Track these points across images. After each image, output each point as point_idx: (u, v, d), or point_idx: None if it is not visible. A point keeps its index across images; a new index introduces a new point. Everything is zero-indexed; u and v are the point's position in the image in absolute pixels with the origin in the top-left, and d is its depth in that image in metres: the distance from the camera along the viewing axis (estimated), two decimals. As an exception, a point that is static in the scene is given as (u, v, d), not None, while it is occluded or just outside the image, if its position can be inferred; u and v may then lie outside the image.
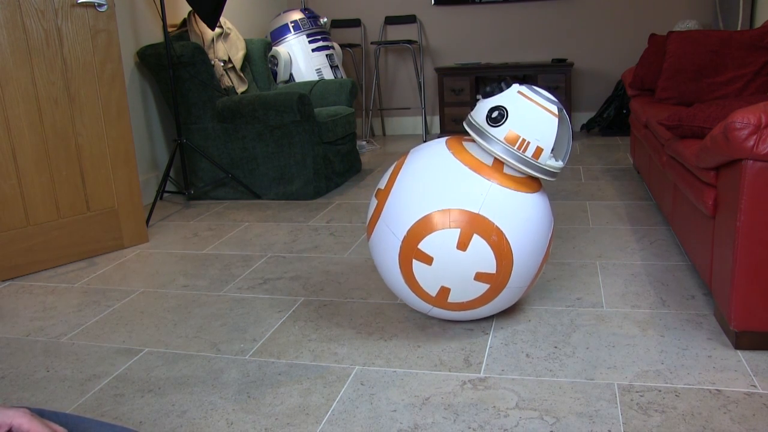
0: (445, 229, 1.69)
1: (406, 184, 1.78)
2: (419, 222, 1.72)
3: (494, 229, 1.69)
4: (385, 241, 1.80)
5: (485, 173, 1.73)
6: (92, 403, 1.63)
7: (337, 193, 3.67)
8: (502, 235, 1.69)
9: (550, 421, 1.44)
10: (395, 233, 1.76)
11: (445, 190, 1.72)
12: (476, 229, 1.68)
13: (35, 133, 2.56)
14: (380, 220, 1.82)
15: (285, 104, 3.41)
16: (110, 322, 2.11)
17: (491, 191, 1.71)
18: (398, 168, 1.86)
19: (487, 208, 1.69)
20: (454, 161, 1.76)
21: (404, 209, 1.75)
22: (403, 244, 1.74)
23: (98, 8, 2.66)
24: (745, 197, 1.59)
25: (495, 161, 1.76)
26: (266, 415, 1.53)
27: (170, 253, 2.77)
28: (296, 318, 2.06)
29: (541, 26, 5.18)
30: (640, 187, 3.42)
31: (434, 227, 1.70)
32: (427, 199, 1.72)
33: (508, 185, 1.73)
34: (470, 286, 1.73)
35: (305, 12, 4.70)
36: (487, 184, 1.71)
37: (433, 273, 1.73)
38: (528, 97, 1.73)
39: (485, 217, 1.69)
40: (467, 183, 1.72)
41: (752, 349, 1.70)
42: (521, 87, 1.76)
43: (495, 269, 1.71)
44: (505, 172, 1.76)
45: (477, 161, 1.76)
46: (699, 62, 2.93)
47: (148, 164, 3.75)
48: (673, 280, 2.18)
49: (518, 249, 1.72)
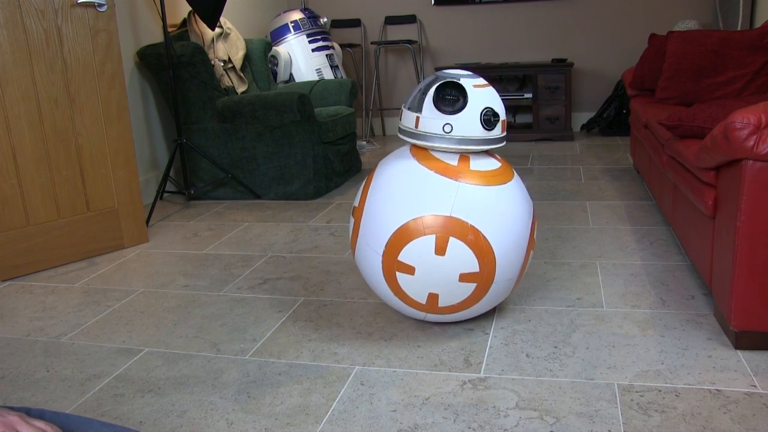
0: (420, 237, 1.69)
1: (377, 198, 1.79)
2: (395, 234, 1.72)
3: (469, 229, 1.69)
4: (367, 257, 1.81)
5: (452, 174, 1.73)
6: (92, 403, 1.63)
7: (337, 193, 3.67)
8: (478, 233, 1.69)
9: (550, 421, 1.44)
10: (375, 249, 1.77)
11: (414, 199, 1.72)
12: (451, 232, 1.68)
13: (35, 133, 2.56)
14: (359, 238, 1.83)
15: (285, 104, 3.41)
16: (110, 322, 2.11)
17: (460, 191, 1.71)
18: (368, 183, 1.86)
19: (459, 208, 1.69)
20: (420, 168, 1.75)
21: (379, 224, 1.76)
22: (384, 259, 1.75)
23: (98, 8, 2.66)
24: (745, 197, 1.59)
25: (461, 159, 1.76)
26: (266, 415, 1.53)
27: (170, 253, 2.77)
28: (296, 318, 2.06)
29: (541, 26, 5.18)
30: (640, 187, 3.42)
31: (410, 237, 1.70)
32: (399, 210, 1.72)
33: (477, 181, 1.73)
34: (457, 289, 1.73)
35: (305, 12, 4.70)
36: (455, 185, 1.71)
37: (418, 282, 1.73)
38: (481, 85, 1.76)
39: (458, 218, 1.69)
40: (435, 187, 1.72)
41: (752, 349, 1.70)
42: (465, 81, 1.75)
43: (478, 268, 1.71)
44: (473, 169, 1.75)
45: (442, 164, 1.75)
46: (699, 62, 2.93)
47: (148, 164, 3.75)
48: (673, 280, 2.18)
49: (498, 243, 1.72)
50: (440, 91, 1.74)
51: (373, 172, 1.89)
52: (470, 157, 1.79)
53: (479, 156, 1.82)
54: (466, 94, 1.73)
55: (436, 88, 1.74)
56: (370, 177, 1.88)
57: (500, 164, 1.85)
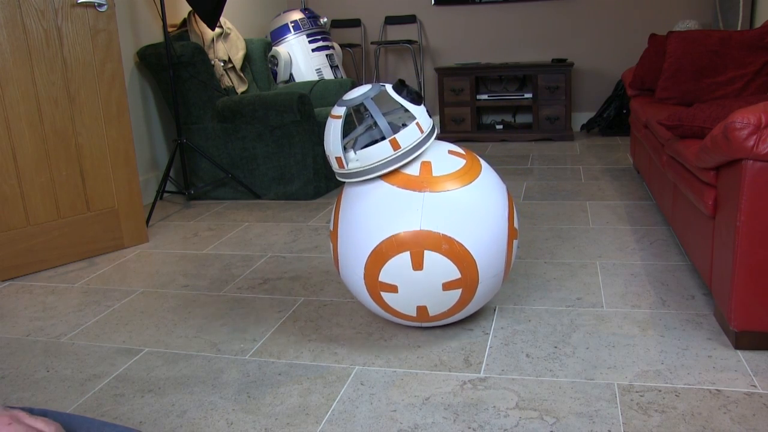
0: (395, 256, 1.67)
1: (348, 221, 1.76)
2: (371, 256, 1.70)
3: (442, 238, 1.66)
4: (350, 280, 1.80)
5: (415, 186, 1.69)
6: (92, 403, 1.63)
7: (337, 193, 3.67)
8: (451, 240, 1.66)
9: (550, 421, 1.44)
10: (355, 272, 1.76)
11: (382, 218, 1.69)
12: (424, 246, 1.65)
13: (35, 133, 2.56)
14: (340, 262, 1.82)
15: (285, 104, 3.41)
16: (110, 322, 2.11)
17: (425, 202, 1.67)
18: (338, 206, 1.84)
19: (427, 220, 1.66)
20: (382, 185, 1.72)
21: (354, 248, 1.73)
22: (366, 281, 1.74)
23: (98, 8, 2.66)
24: (745, 197, 1.59)
25: (422, 168, 1.72)
26: (266, 415, 1.53)
27: (170, 253, 2.77)
28: (296, 318, 2.06)
29: (541, 26, 5.18)
30: (640, 187, 3.42)
31: (386, 257, 1.68)
32: (370, 232, 1.70)
33: (442, 188, 1.69)
34: (444, 297, 1.73)
35: (305, 12, 4.70)
36: (420, 196, 1.68)
37: (404, 298, 1.73)
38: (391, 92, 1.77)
39: (428, 230, 1.65)
40: (401, 202, 1.68)
41: (752, 349, 1.70)
42: (388, 87, 1.76)
43: (459, 274, 1.69)
44: (436, 175, 1.71)
45: (405, 176, 1.71)
46: (699, 62, 2.93)
47: (148, 164, 3.75)
48: (673, 280, 2.18)
49: (475, 245, 1.69)
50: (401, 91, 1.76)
51: (341, 194, 1.86)
52: (431, 162, 1.74)
53: (440, 157, 1.77)
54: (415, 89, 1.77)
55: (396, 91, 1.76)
56: (339, 199, 1.85)
57: (464, 161, 1.79)
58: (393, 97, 1.74)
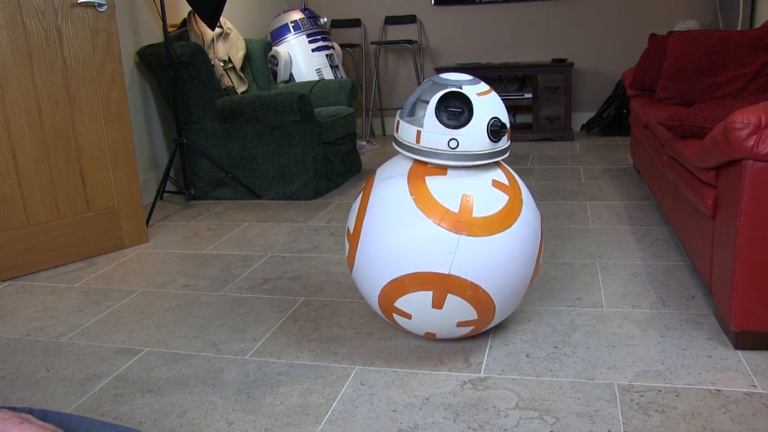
0: (417, 292, 1.62)
1: (374, 234, 1.64)
2: (392, 282, 1.63)
3: (469, 285, 1.59)
4: (364, 290, 1.74)
5: (451, 224, 1.57)
6: (92, 403, 1.63)
7: (337, 193, 3.67)
8: (477, 288, 1.60)
9: (550, 421, 1.44)
10: (371, 288, 1.70)
11: (412, 249, 1.58)
12: (450, 289, 1.59)
13: (35, 133, 2.56)
14: (356, 269, 1.73)
15: (285, 104, 3.41)
16: (110, 322, 2.11)
17: (460, 246, 1.56)
18: (363, 207, 1.71)
19: (458, 265, 1.57)
20: (418, 214, 1.58)
21: (376, 267, 1.65)
22: (381, 300, 1.70)
23: (98, 8, 2.66)
24: (745, 197, 1.59)
25: (463, 204, 1.59)
26: (266, 415, 1.53)
27: (170, 253, 2.77)
28: (296, 318, 2.06)
29: (541, 26, 5.18)
30: (640, 187, 3.42)
31: (406, 289, 1.62)
32: (395, 261, 1.61)
33: (480, 232, 1.57)
34: (455, 330, 1.72)
35: (305, 12, 4.70)
36: (455, 238, 1.56)
37: (415, 324, 1.71)
38: (484, 92, 1.63)
39: (457, 276, 1.58)
40: (434, 241, 1.56)
41: (752, 349, 1.70)
42: (468, 88, 1.62)
43: (476, 315, 1.67)
44: (476, 216, 1.58)
45: (443, 209, 1.58)
46: (699, 62, 2.93)
47: (148, 164, 3.75)
48: (673, 280, 2.18)
49: (498, 292, 1.64)
50: (443, 103, 1.60)
51: (368, 194, 1.72)
52: (473, 198, 1.60)
53: (483, 190, 1.63)
54: (471, 105, 1.59)
55: (438, 100, 1.60)
56: (366, 197, 1.72)
57: (507, 197, 1.65)
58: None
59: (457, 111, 1.60)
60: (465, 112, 1.60)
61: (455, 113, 1.60)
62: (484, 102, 1.61)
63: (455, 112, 1.60)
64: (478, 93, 1.62)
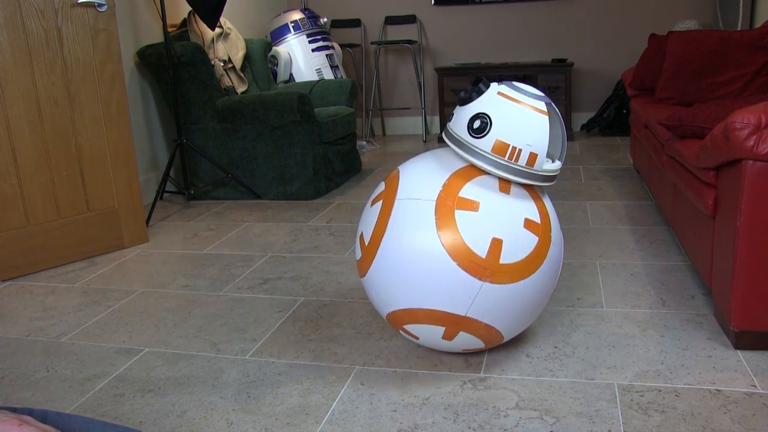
0: (429, 324, 1.58)
1: (390, 263, 1.56)
2: (404, 311, 1.59)
3: (483, 327, 1.56)
4: (375, 300, 1.68)
5: (476, 270, 1.48)
6: (92, 403, 1.63)
7: (337, 193, 3.67)
8: (491, 328, 1.58)
9: (550, 421, 1.44)
10: (382, 305, 1.65)
11: (429, 289, 1.51)
12: (463, 328, 1.56)
13: (35, 133, 2.56)
14: (367, 280, 1.66)
15: (285, 104, 3.41)
16: (110, 322, 2.11)
17: (481, 292, 1.50)
18: (383, 222, 1.58)
19: (476, 309, 1.52)
20: (441, 251, 1.49)
21: (389, 292, 1.59)
22: (389, 317, 1.66)
23: (98, 8, 2.66)
24: (745, 197, 1.59)
25: (492, 248, 1.48)
26: (266, 415, 1.53)
27: (170, 253, 2.77)
28: (296, 318, 2.06)
29: (541, 26, 5.18)
30: (640, 187, 3.42)
31: (418, 320, 1.58)
32: (411, 293, 1.54)
33: (504, 280, 1.50)
34: (460, 350, 1.71)
35: (305, 12, 4.70)
36: (478, 284, 1.49)
37: (422, 343, 1.69)
38: (510, 97, 1.52)
39: (473, 318, 1.54)
40: (455, 283, 1.49)
41: (752, 349, 1.70)
42: (501, 86, 1.55)
43: (483, 345, 1.66)
44: (503, 262, 1.49)
45: (467, 252, 1.48)
46: (699, 62, 2.93)
47: (148, 164, 3.75)
48: (673, 280, 2.18)
49: (510, 330, 1.61)
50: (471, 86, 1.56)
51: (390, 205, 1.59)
52: (503, 241, 1.49)
53: (514, 231, 1.51)
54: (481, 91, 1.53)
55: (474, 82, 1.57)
56: (386, 214, 1.58)
57: (537, 239, 1.54)
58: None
59: (467, 92, 1.55)
60: (472, 97, 1.54)
61: (466, 95, 1.55)
62: (497, 100, 1.52)
63: (467, 93, 1.55)
64: (500, 92, 1.54)
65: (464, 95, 1.56)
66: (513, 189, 1.57)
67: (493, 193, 1.53)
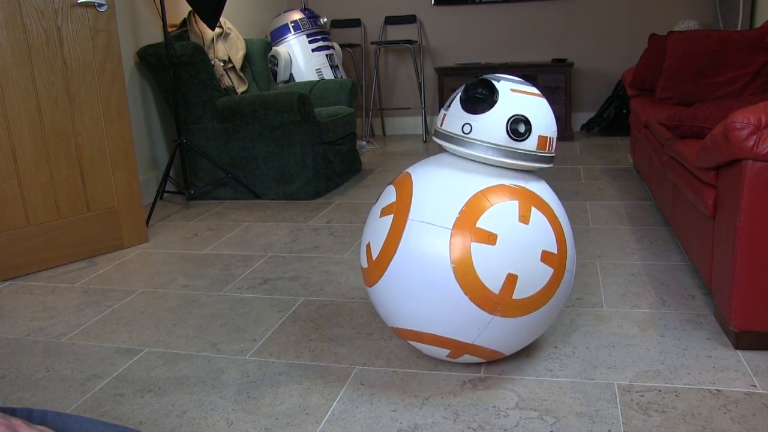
0: (434, 346, 1.58)
1: (399, 284, 1.52)
2: (410, 332, 1.58)
3: (488, 351, 1.57)
4: (382, 312, 1.65)
5: (487, 305, 1.46)
6: (92, 403, 1.63)
7: (337, 193, 3.67)
8: (496, 353, 1.59)
9: (550, 421, 1.44)
10: (389, 318, 1.63)
11: (438, 317, 1.50)
12: (468, 352, 1.57)
13: (35, 133, 2.56)
14: (375, 293, 1.62)
15: (285, 104, 3.41)
16: (110, 322, 2.11)
17: (491, 325, 1.49)
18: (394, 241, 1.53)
19: (484, 339, 1.52)
20: (454, 284, 1.45)
21: (396, 310, 1.57)
22: (395, 330, 1.65)
23: (98, 8, 2.66)
24: (745, 197, 1.59)
25: (506, 284, 1.45)
26: (266, 415, 1.53)
27: (170, 253, 2.77)
28: (296, 318, 2.06)
29: (541, 26, 5.18)
30: (640, 187, 3.42)
31: (424, 341, 1.58)
32: (419, 317, 1.52)
33: (515, 313, 1.49)
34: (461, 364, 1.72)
35: (305, 12, 4.70)
36: (488, 318, 1.47)
37: (426, 354, 1.70)
38: (525, 91, 1.54)
39: (480, 345, 1.54)
40: (464, 315, 1.47)
41: (752, 349, 1.70)
42: (505, 83, 1.55)
43: (484, 361, 1.68)
44: (515, 298, 1.47)
45: (481, 287, 1.44)
46: (699, 62, 2.93)
47: (148, 164, 3.75)
48: (673, 280, 2.18)
49: (512, 349, 1.61)
50: (470, 90, 1.53)
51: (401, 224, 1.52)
52: (518, 277, 1.45)
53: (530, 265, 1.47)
54: (496, 93, 1.51)
55: (466, 86, 1.54)
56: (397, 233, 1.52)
57: (552, 270, 1.51)
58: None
59: (477, 97, 1.51)
60: (487, 100, 1.51)
61: (476, 99, 1.51)
62: (517, 98, 1.52)
63: (476, 98, 1.51)
64: (513, 89, 1.53)
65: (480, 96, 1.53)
66: (533, 218, 1.50)
67: (512, 224, 1.47)
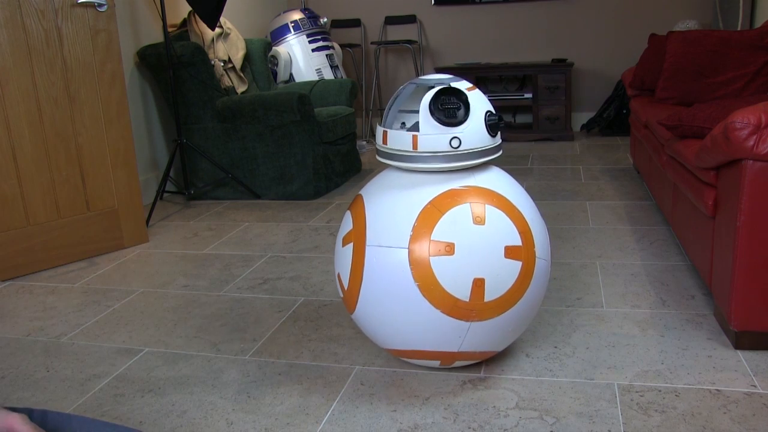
0: (425, 360, 1.60)
1: (373, 313, 1.52)
2: (396, 350, 1.59)
3: (477, 354, 1.58)
4: (368, 336, 1.64)
5: (461, 314, 1.45)
6: (92, 403, 1.63)
7: (337, 193, 3.67)
8: (486, 353, 1.60)
9: (550, 421, 1.44)
10: (375, 340, 1.63)
11: (417, 335, 1.50)
12: (458, 359, 1.59)
13: (35, 133, 2.56)
14: (354, 317, 1.62)
15: (285, 104, 3.41)
16: (110, 322, 2.11)
17: (471, 331, 1.49)
18: (357, 272, 1.51)
19: (468, 344, 1.52)
20: (423, 302, 1.44)
21: (377, 333, 1.57)
22: (387, 351, 1.66)
23: (98, 8, 2.66)
24: (745, 197, 1.59)
25: (474, 290, 1.43)
26: (266, 415, 1.53)
27: (170, 253, 2.77)
28: (296, 318, 2.06)
29: (541, 26, 5.18)
30: (640, 187, 3.42)
31: (413, 357, 1.59)
32: (400, 338, 1.53)
33: (492, 315, 1.48)
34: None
35: (305, 12, 4.70)
36: (465, 326, 1.47)
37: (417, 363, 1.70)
38: (470, 88, 1.55)
39: (467, 351, 1.55)
40: (442, 329, 1.47)
41: (752, 349, 1.70)
42: (458, 86, 1.51)
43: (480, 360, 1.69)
44: (487, 300, 1.45)
45: (450, 299, 1.43)
46: (699, 62, 2.93)
47: (148, 164, 3.75)
48: (673, 280, 2.18)
49: (505, 345, 1.63)
50: (435, 103, 1.47)
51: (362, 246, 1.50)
52: (485, 280, 1.44)
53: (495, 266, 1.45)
54: (467, 100, 1.48)
55: (432, 99, 1.47)
56: (359, 264, 1.50)
57: (521, 264, 1.48)
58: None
59: (453, 107, 1.47)
60: (462, 108, 1.47)
61: (452, 110, 1.47)
62: (474, 97, 1.51)
63: (452, 108, 1.47)
64: (467, 89, 1.52)
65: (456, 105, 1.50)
66: (488, 217, 1.46)
67: (467, 228, 1.44)
